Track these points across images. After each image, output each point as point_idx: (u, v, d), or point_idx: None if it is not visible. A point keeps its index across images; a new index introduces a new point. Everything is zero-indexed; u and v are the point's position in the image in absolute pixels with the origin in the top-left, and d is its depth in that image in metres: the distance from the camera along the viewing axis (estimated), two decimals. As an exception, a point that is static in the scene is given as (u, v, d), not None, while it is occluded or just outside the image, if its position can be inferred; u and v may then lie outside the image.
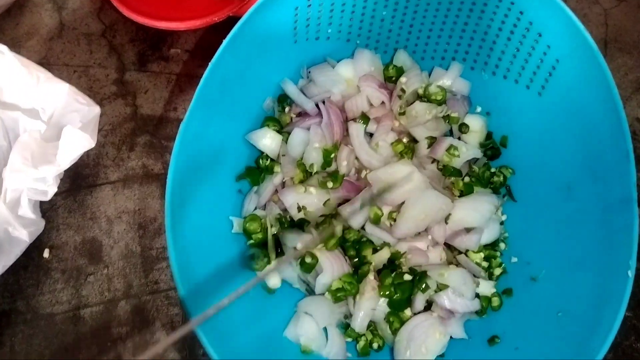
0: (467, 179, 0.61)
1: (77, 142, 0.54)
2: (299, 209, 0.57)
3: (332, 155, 0.59)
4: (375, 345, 0.55)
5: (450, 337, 0.55)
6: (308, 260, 0.54)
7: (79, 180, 0.63)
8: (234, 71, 0.53)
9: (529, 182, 0.60)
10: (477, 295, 0.57)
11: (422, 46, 0.63)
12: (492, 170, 0.61)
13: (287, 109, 0.61)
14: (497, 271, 0.58)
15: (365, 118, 0.60)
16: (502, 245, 0.60)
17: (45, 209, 0.61)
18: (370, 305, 0.54)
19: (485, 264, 0.58)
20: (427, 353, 0.53)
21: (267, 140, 0.58)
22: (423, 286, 0.55)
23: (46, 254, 0.60)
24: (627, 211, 0.49)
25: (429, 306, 0.56)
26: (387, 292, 0.55)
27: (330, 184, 0.57)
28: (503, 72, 0.61)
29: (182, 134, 0.49)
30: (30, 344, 0.57)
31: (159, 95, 0.69)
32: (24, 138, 0.56)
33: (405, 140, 0.61)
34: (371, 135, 0.61)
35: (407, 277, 0.55)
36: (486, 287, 0.57)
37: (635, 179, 0.49)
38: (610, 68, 0.52)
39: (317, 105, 0.60)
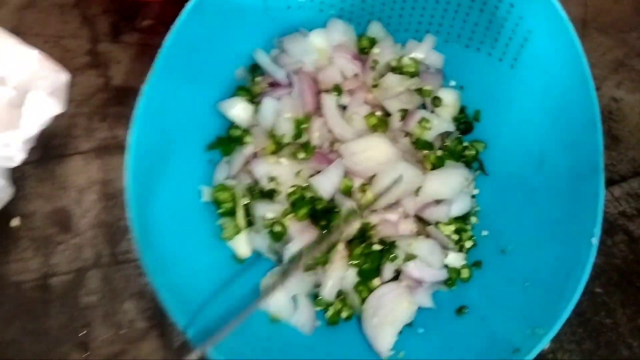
0: (439, 152, 0.61)
1: (44, 107, 0.54)
2: (270, 179, 0.57)
3: (304, 126, 0.58)
4: (344, 315, 0.55)
5: (419, 307, 0.55)
6: (277, 229, 0.54)
7: (49, 150, 0.63)
8: (200, 38, 0.53)
9: (501, 156, 0.61)
10: (447, 267, 0.57)
11: (396, 18, 0.62)
12: (465, 144, 0.62)
13: (258, 79, 0.60)
14: (468, 244, 0.59)
15: (338, 90, 0.60)
16: (473, 219, 0.60)
17: (16, 178, 0.60)
18: (339, 274, 0.54)
19: (455, 236, 0.58)
20: (394, 322, 0.53)
21: (238, 110, 0.58)
22: (392, 256, 0.55)
23: (15, 222, 0.60)
24: (593, 180, 0.49)
25: (397, 276, 0.56)
26: (357, 262, 0.55)
27: (301, 155, 0.57)
28: (476, 44, 0.61)
29: (143, 101, 0.48)
30: (-3, 312, 0.56)
31: (132, 67, 0.68)
32: (-9, 104, 0.55)
33: (378, 113, 0.61)
34: (344, 107, 0.61)
35: (377, 247, 0.56)
36: (456, 259, 0.57)
37: (602, 148, 0.50)
38: (587, 48, 0.52)
39: (288, 75, 0.60)
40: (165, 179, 0.51)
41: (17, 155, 0.55)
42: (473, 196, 0.61)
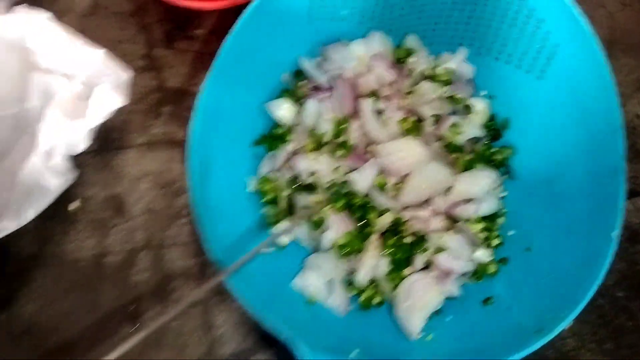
0: (468, 156, 0.64)
1: (108, 100, 0.59)
2: (310, 174, 0.61)
3: (342, 127, 0.63)
4: (375, 300, 0.59)
5: (447, 296, 0.59)
6: (316, 218, 0.59)
7: (107, 142, 0.68)
8: (251, 46, 0.58)
9: (527, 161, 0.64)
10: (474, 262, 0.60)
11: (431, 32, 0.67)
12: (493, 149, 0.65)
13: (302, 83, 0.65)
14: (495, 242, 0.62)
15: (375, 95, 0.65)
16: (500, 220, 0.64)
17: (75, 166, 0.65)
18: (372, 262, 0.58)
19: (483, 234, 0.62)
20: (424, 307, 0.56)
21: (283, 111, 0.63)
22: (423, 247, 0.59)
23: (73, 205, 0.65)
24: (615, 181, 0.53)
25: (427, 267, 0.60)
26: (389, 252, 0.59)
27: (339, 153, 0.62)
28: (505, 57, 0.65)
29: (202, 99, 0.54)
30: (56, 285, 0.61)
31: (183, 71, 0.73)
32: (59, 96, 0.61)
33: (412, 118, 0.65)
34: (380, 112, 0.66)
35: (409, 239, 0.59)
36: (483, 255, 0.60)
37: (622, 151, 0.54)
38: (613, 68, 0.56)
39: (330, 80, 0.65)
40: (217, 168, 0.56)
41: (81, 143, 0.60)
42: (501, 198, 0.64)
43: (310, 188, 0.61)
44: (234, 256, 0.51)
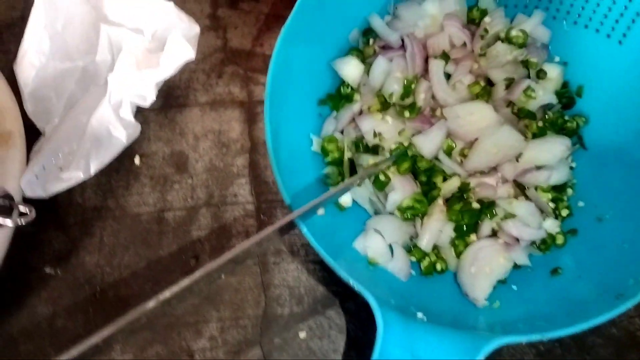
0: (540, 123, 0.62)
1: (180, 52, 0.59)
2: (375, 135, 0.60)
3: (411, 87, 0.61)
4: (438, 267, 0.57)
5: (514, 265, 0.57)
6: (382, 178, 0.57)
7: (170, 99, 0.68)
8: (322, 4, 0.57)
9: (601, 130, 0.61)
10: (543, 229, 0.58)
11: (507, -8, 0.65)
12: (566, 117, 0.63)
13: (371, 42, 0.64)
14: (564, 212, 0.59)
15: (445, 57, 0.63)
16: (569, 191, 0.61)
17: (139, 122, 0.65)
18: (437, 226, 0.57)
19: (552, 204, 0.59)
20: (491, 274, 0.55)
21: (351, 68, 0.62)
22: (491, 213, 0.57)
23: (137, 160, 0.65)
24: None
25: (494, 234, 0.58)
26: (455, 217, 0.57)
27: (407, 114, 0.60)
28: (585, 21, 0.62)
29: (276, 58, 0.53)
30: (117, 238, 0.61)
31: (247, 32, 0.73)
32: (129, 48, 0.61)
33: (482, 83, 0.63)
34: (449, 76, 0.63)
35: (475, 205, 0.57)
36: (552, 225, 0.58)
37: None
38: None
39: (401, 39, 0.63)
40: (285, 124, 0.55)
41: (150, 95, 0.60)
42: (570, 168, 0.61)
43: (375, 150, 0.59)
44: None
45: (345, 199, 0.59)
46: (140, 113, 0.65)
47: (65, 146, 0.60)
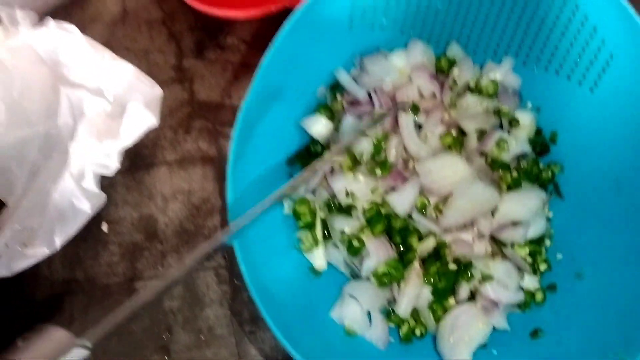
0: (515, 173, 0.61)
1: (141, 119, 0.57)
2: (347, 194, 0.58)
3: (383, 145, 0.60)
4: (417, 332, 0.56)
5: (493, 328, 0.56)
6: (355, 244, 0.56)
7: (137, 159, 0.66)
8: (290, 58, 0.55)
9: (576, 179, 0.60)
10: (522, 290, 0.57)
11: (475, 40, 0.63)
12: (541, 166, 0.62)
13: (339, 97, 0.62)
14: (542, 267, 0.58)
15: (415, 108, 0.61)
16: (547, 242, 0.60)
17: (105, 185, 0.63)
18: (414, 291, 0.55)
19: (530, 259, 0.58)
20: (470, 341, 0.54)
21: (319, 127, 0.60)
22: (468, 275, 0.55)
23: (105, 227, 0.63)
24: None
25: (472, 297, 0.57)
26: (432, 280, 0.56)
27: (378, 172, 0.59)
28: (555, 67, 0.61)
29: (242, 118, 0.51)
30: (87, 312, 0.60)
31: (215, 82, 0.71)
32: (90, 114, 0.59)
33: (454, 133, 0.62)
34: (420, 127, 0.62)
35: (452, 266, 0.56)
36: (530, 282, 0.57)
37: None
38: None
39: (368, 94, 0.61)
40: (253, 188, 0.53)
41: (113, 164, 0.58)
42: (547, 219, 0.61)
43: (347, 210, 0.58)
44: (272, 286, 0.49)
45: (320, 262, 0.58)
46: (106, 177, 0.63)
47: (28, 221, 0.58)
